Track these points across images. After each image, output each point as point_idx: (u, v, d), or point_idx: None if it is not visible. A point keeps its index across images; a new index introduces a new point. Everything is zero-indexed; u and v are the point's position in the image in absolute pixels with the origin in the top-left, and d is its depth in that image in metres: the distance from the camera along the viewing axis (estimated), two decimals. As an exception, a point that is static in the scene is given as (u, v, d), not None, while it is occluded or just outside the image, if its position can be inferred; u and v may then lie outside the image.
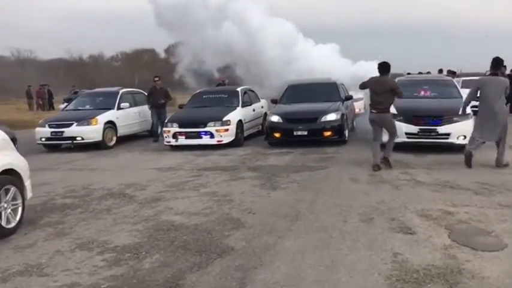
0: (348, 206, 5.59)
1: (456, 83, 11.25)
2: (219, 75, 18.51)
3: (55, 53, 65.96)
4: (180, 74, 20.23)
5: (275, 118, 10.84)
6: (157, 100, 12.98)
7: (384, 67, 7.77)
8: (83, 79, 44.14)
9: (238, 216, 5.34)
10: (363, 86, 8.19)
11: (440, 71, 19.24)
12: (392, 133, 7.90)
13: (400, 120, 8.83)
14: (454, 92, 10.27)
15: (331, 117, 10.50)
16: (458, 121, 8.97)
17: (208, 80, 19.23)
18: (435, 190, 6.28)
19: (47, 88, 30.07)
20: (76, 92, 25.28)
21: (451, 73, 17.73)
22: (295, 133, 10.52)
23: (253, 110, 12.76)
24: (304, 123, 10.53)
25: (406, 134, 9.03)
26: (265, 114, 13.43)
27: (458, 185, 6.51)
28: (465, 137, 8.93)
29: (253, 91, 13.69)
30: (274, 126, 10.78)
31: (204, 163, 9.14)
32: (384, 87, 7.60)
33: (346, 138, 10.89)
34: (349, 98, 11.87)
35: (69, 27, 79.64)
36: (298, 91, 12.09)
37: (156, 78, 13.41)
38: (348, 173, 7.55)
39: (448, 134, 9.03)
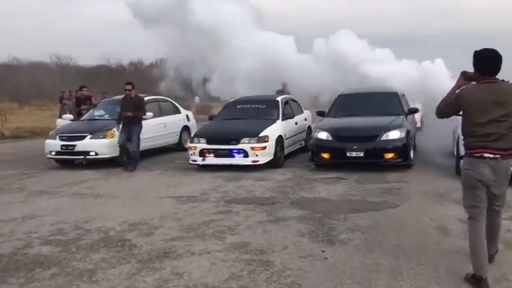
0: (453, 285, 3.58)
1: None
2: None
3: (96, 60, 66.07)
4: (167, 88, 17.60)
5: (323, 135, 8.85)
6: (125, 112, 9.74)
7: (497, 59, 3.53)
8: (122, 86, 43.37)
9: (280, 298, 3.43)
10: (452, 108, 3.73)
11: None
12: (503, 203, 3.78)
13: None
14: None
15: (394, 135, 8.43)
16: None
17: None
18: None
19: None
20: (108, 99, 23.97)
21: None
22: (348, 154, 8.47)
23: (296, 124, 10.80)
24: (360, 142, 8.48)
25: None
26: (309, 127, 11.50)
27: None
28: None
29: (295, 101, 11.70)
30: (322, 145, 8.78)
31: (234, 191, 7.28)
32: (506, 103, 3.46)
33: (412, 162, 8.78)
34: (414, 111, 9.71)
35: (109, 35, 79.97)
36: (351, 102, 10.00)
37: (129, 87, 9.88)
38: (429, 216, 5.50)
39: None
